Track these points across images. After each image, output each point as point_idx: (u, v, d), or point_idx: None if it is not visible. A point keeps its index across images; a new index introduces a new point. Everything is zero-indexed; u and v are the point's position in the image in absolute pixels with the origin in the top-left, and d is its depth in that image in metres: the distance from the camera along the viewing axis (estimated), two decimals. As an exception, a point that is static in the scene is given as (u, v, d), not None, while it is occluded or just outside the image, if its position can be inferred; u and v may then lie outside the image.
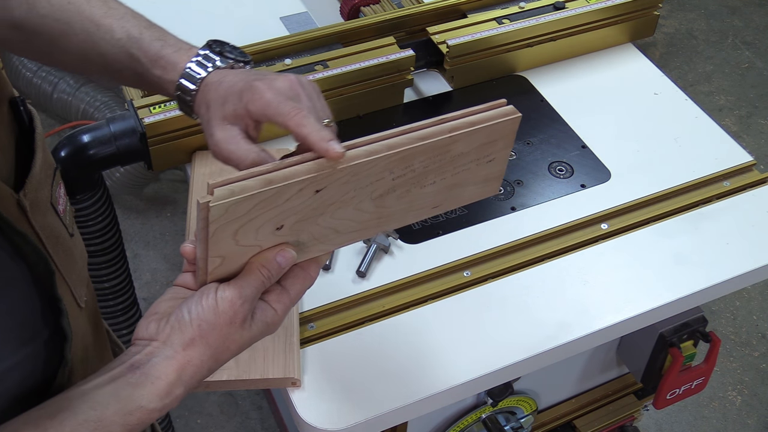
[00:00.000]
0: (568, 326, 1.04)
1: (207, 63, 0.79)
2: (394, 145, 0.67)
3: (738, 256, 1.14)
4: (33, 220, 0.60)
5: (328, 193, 0.65)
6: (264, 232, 0.64)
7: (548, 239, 1.14)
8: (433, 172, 0.71)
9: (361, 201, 0.68)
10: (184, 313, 0.63)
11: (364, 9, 1.43)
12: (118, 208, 2.46)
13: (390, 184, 0.69)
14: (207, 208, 0.60)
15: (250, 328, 0.65)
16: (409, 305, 1.06)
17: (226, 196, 0.60)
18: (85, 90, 2.48)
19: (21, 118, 0.62)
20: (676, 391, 1.33)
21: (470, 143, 0.70)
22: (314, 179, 0.63)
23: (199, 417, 2.06)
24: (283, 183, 0.62)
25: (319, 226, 0.68)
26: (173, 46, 0.80)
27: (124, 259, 1.30)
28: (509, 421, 1.31)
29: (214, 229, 0.61)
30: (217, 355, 0.64)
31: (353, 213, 0.69)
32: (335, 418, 0.94)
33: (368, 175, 0.67)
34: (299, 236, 0.67)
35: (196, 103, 0.79)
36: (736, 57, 3.12)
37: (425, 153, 0.68)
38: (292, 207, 0.64)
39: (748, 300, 2.36)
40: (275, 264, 0.66)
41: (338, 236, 0.70)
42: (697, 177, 1.23)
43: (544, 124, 1.31)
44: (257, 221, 0.63)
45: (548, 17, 1.37)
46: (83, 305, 0.69)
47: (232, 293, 0.63)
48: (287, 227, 0.65)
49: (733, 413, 2.13)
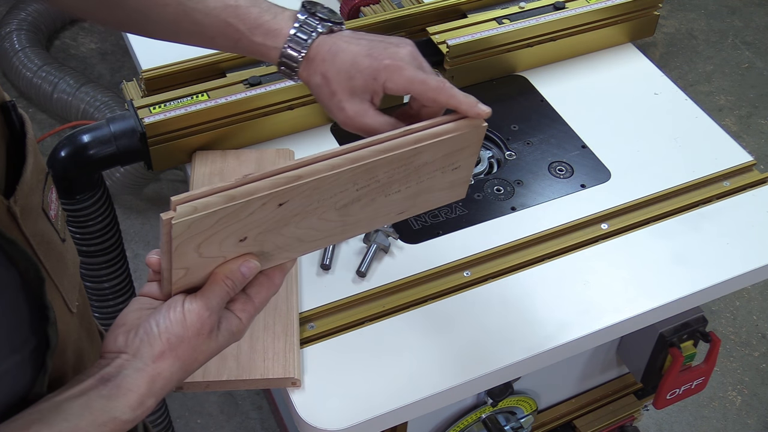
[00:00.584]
0: (568, 326, 1.04)
1: (309, 29, 0.81)
2: (357, 158, 0.67)
3: (738, 256, 1.14)
4: (24, 227, 0.59)
5: (291, 206, 0.66)
6: (227, 244, 0.65)
7: (548, 239, 1.14)
8: (397, 182, 0.71)
9: (326, 211, 0.69)
10: (152, 326, 0.64)
11: (364, 9, 1.43)
12: (118, 208, 2.45)
13: (354, 194, 0.69)
14: (170, 224, 0.61)
15: (217, 338, 0.66)
16: (409, 305, 1.06)
17: (189, 213, 0.61)
18: (85, 90, 2.48)
19: (12, 122, 0.62)
20: (676, 391, 1.33)
21: (435, 153, 0.71)
22: (277, 194, 0.64)
23: (199, 417, 2.06)
24: (246, 199, 0.63)
25: (283, 236, 0.68)
26: (270, 12, 0.83)
27: (124, 259, 1.30)
28: (509, 421, 1.31)
29: (177, 243, 0.62)
30: (186, 366, 0.65)
31: (317, 222, 0.70)
32: (335, 418, 0.94)
33: (331, 187, 0.67)
34: (263, 246, 0.68)
35: (303, 70, 0.82)
36: (736, 57, 3.12)
37: (389, 164, 0.69)
38: (256, 220, 0.65)
39: (748, 300, 2.36)
40: (239, 274, 0.67)
41: (302, 244, 0.71)
42: (697, 177, 1.23)
43: (544, 124, 1.31)
44: (220, 235, 0.64)
45: (548, 17, 1.37)
46: (75, 310, 0.69)
47: (198, 305, 0.64)
48: (251, 238, 0.66)
49: (733, 413, 2.13)
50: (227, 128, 1.19)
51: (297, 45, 0.81)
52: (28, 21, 2.73)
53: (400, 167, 0.70)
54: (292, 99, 1.22)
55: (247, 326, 0.69)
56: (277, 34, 0.81)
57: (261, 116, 1.21)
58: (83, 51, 2.97)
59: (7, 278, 0.57)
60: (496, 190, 1.21)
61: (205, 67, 1.25)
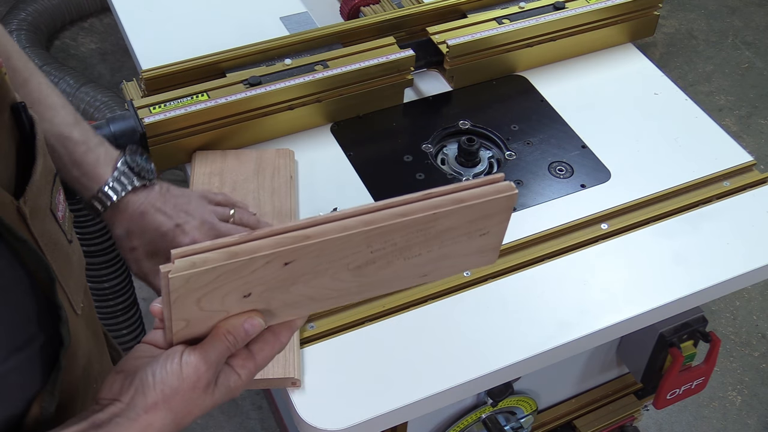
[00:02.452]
0: (568, 326, 1.04)
1: (125, 181, 0.88)
2: (370, 221, 0.62)
3: (738, 256, 1.14)
4: (32, 227, 0.59)
5: (298, 266, 0.62)
6: (230, 299, 0.62)
7: (548, 239, 1.14)
8: (417, 246, 0.65)
9: (337, 271, 0.64)
10: (148, 375, 0.63)
11: (364, 9, 1.43)
12: (118, 208, 2.45)
13: (369, 256, 0.64)
14: (167, 277, 0.58)
15: (213, 393, 0.64)
16: (409, 305, 1.06)
17: (186, 268, 0.58)
18: (85, 90, 2.48)
19: (22, 123, 0.62)
20: (676, 391, 1.33)
21: (458, 219, 0.65)
22: (281, 253, 0.60)
23: (199, 417, 2.06)
24: (248, 257, 0.59)
25: (291, 294, 0.64)
26: (94, 153, 0.88)
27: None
28: (509, 421, 1.31)
29: (176, 297, 0.60)
30: (178, 420, 0.63)
31: (330, 282, 0.65)
32: (335, 418, 0.94)
33: (342, 249, 0.63)
34: (270, 304, 0.64)
35: (110, 216, 0.88)
36: (736, 57, 3.12)
37: (406, 229, 0.63)
38: (260, 278, 0.62)
39: (748, 300, 2.36)
40: (242, 331, 0.64)
41: (314, 303, 0.67)
42: (697, 177, 1.23)
43: (544, 124, 1.31)
44: (222, 290, 0.61)
45: (548, 17, 1.37)
46: (80, 312, 0.69)
47: (196, 359, 0.63)
48: (256, 295, 0.63)
49: (733, 413, 2.13)
50: (227, 128, 1.19)
51: (111, 193, 0.87)
52: (28, 21, 2.73)
53: (418, 232, 0.64)
54: (292, 99, 1.22)
55: (245, 384, 0.66)
56: (95, 178, 0.87)
57: (261, 116, 1.21)
58: (83, 51, 2.97)
59: (14, 277, 0.57)
60: (496, 190, 1.21)
61: (205, 67, 1.25)
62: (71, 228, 0.68)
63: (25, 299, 0.59)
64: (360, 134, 1.27)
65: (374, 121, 1.30)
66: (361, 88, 1.27)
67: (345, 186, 1.19)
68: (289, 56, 1.28)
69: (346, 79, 1.25)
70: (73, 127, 0.87)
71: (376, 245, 0.63)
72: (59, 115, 0.86)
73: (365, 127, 1.29)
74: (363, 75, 1.26)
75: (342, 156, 1.24)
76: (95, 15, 3.11)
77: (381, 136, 1.29)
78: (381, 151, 1.27)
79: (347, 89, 1.26)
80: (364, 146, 1.26)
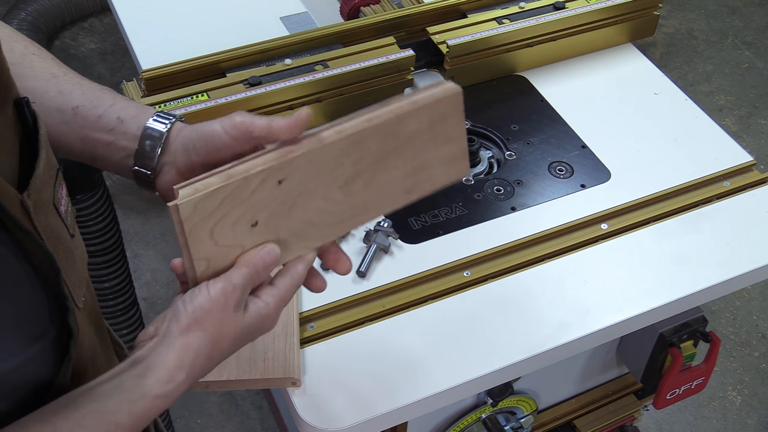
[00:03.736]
0: (568, 326, 1.04)
1: (166, 116, 0.81)
2: (342, 129, 0.70)
3: (738, 256, 1.14)
4: (36, 221, 0.60)
5: (291, 184, 0.68)
6: (240, 229, 0.67)
7: (548, 239, 1.14)
8: (392, 155, 0.72)
9: (328, 190, 0.70)
10: (179, 305, 0.66)
11: (364, 9, 1.43)
12: (118, 208, 2.45)
13: (351, 170, 0.71)
14: (176, 208, 0.63)
15: (244, 315, 0.67)
16: (409, 305, 1.06)
17: (191, 194, 0.64)
18: (85, 90, 2.48)
19: (25, 118, 0.63)
20: (676, 391, 1.33)
21: (420, 122, 0.73)
22: (273, 169, 0.67)
23: (199, 417, 2.06)
24: (243, 175, 0.65)
25: (293, 220, 0.70)
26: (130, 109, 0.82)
27: (124, 259, 1.30)
28: (509, 421, 1.31)
29: (189, 228, 0.64)
30: (214, 340, 0.66)
31: (324, 203, 0.71)
32: (335, 418, 0.94)
33: (325, 161, 0.69)
34: (278, 233, 0.69)
35: (162, 150, 0.79)
36: (736, 57, 3.13)
37: (375, 134, 0.70)
38: (260, 201, 0.67)
39: (748, 300, 2.36)
40: (258, 258, 0.68)
41: (317, 230, 0.72)
42: (697, 177, 1.23)
43: (544, 124, 1.31)
44: (229, 218, 0.66)
45: (548, 17, 1.37)
46: (81, 305, 0.69)
47: (222, 282, 0.66)
48: (262, 223, 0.68)
49: (733, 413, 2.13)
50: (227, 128, 1.19)
51: (158, 125, 0.78)
52: (28, 21, 2.73)
53: (387, 137, 0.71)
54: (292, 99, 1.22)
55: (275, 312, 0.70)
56: (136, 118, 0.79)
57: (261, 116, 1.21)
58: (83, 51, 2.98)
59: (23, 270, 0.58)
60: (496, 190, 1.21)
61: (205, 67, 1.25)
62: (73, 223, 0.69)
63: (35, 291, 0.59)
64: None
65: (374, 121, 1.30)
66: (361, 88, 1.27)
67: (345, 186, 1.19)
68: (289, 56, 1.28)
69: (346, 79, 1.25)
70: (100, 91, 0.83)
71: (355, 155, 0.70)
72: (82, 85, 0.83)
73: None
74: (363, 75, 1.26)
75: (342, 156, 1.24)
76: (95, 15, 3.11)
77: (381, 136, 1.29)
78: (381, 151, 1.27)
79: (347, 89, 1.26)
80: (364, 146, 1.26)
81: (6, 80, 0.60)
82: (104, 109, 0.80)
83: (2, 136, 0.58)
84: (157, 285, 2.34)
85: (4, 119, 0.59)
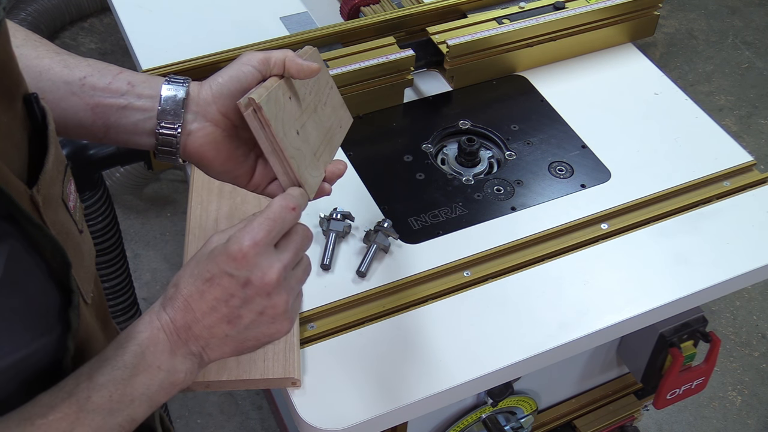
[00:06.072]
0: (568, 326, 1.04)
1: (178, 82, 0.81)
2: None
3: (738, 256, 1.14)
4: (45, 216, 0.60)
5: (293, 103, 0.81)
6: (292, 135, 0.78)
7: (548, 239, 1.14)
8: (319, 93, 0.87)
9: (317, 107, 0.86)
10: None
11: (364, 9, 1.43)
12: (118, 208, 2.46)
13: (312, 99, 0.85)
14: (259, 106, 0.72)
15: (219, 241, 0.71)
16: (409, 305, 1.06)
17: (263, 93, 0.74)
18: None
19: (34, 114, 0.63)
20: (676, 391, 1.33)
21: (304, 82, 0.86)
22: (282, 85, 0.79)
23: (199, 417, 2.06)
24: (277, 83, 0.78)
25: (313, 129, 0.83)
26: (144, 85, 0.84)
27: (124, 259, 1.30)
28: (509, 421, 1.31)
29: (273, 120, 0.73)
30: (195, 277, 0.70)
31: (313, 126, 0.84)
32: (335, 418, 0.94)
33: (291, 92, 0.81)
34: (309, 141, 0.81)
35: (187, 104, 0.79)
36: (736, 57, 3.13)
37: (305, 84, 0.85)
38: (290, 111, 0.79)
39: (748, 300, 2.36)
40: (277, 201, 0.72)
41: (326, 134, 0.87)
42: (697, 177, 1.23)
43: (544, 124, 1.31)
44: (286, 117, 0.77)
45: (548, 17, 1.37)
46: (89, 301, 0.70)
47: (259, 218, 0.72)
48: (302, 133, 0.80)
49: (733, 413, 2.13)
50: (227, 128, 1.19)
51: (176, 89, 0.79)
52: (28, 21, 2.73)
53: (311, 84, 0.86)
54: (292, 99, 1.22)
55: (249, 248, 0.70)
56: (150, 85, 0.80)
57: (261, 116, 1.21)
58: (83, 51, 2.98)
59: (34, 263, 0.58)
60: (496, 190, 1.21)
61: (205, 67, 1.25)
62: (82, 218, 0.69)
63: (46, 285, 0.60)
64: (360, 134, 1.27)
65: (374, 121, 1.30)
66: (361, 88, 1.27)
67: (345, 186, 1.19)
68: (289, 56, 1.28)
69: (346, 79, 1.25)
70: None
71: (300, 92, 0.83)
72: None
73: (365, 127, 1.29)
74: (363, 75, 1.26)
75: (342, 156, 1.24)
76: (95, 15, 3.11)
77: (381, 136, 1.29)
78: (381, 151, 1.27)
79: (347, 89, 1.26)
80: (364, 146, 1.26)
81: (15, 76, 0.60)
82: (113, 77, 0.79)
83: (11, 132, 0.59)
84: (157, 285, 2.34)
85: (14, 115, 0.59)
